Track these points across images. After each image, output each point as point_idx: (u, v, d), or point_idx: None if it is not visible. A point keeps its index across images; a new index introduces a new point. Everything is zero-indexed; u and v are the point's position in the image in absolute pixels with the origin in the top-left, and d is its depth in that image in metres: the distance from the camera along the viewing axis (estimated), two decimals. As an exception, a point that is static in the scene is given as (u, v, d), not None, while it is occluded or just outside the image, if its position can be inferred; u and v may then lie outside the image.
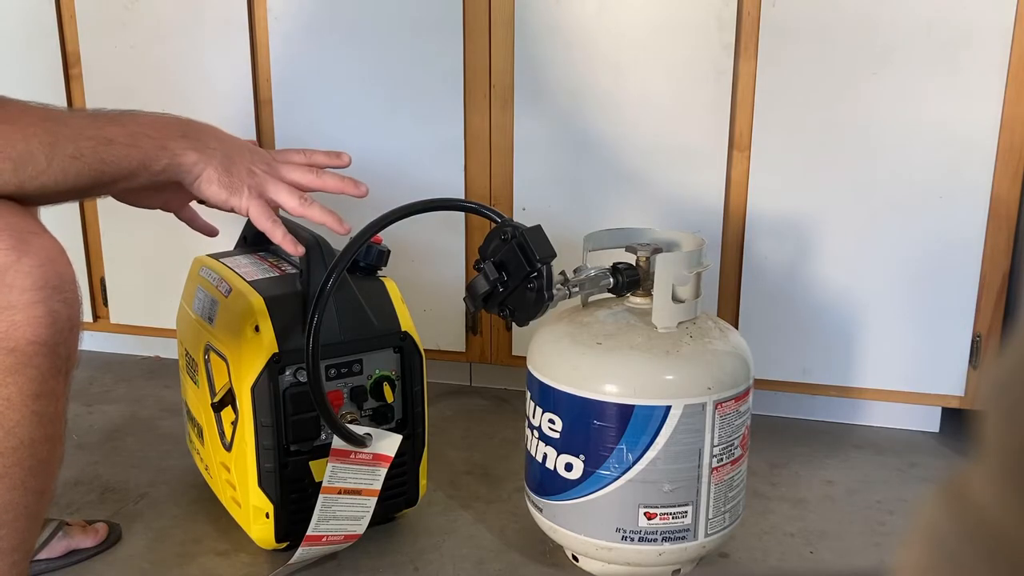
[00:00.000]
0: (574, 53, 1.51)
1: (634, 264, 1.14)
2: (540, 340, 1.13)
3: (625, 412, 1.04)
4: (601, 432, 1.05)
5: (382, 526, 1.26)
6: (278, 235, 0.95)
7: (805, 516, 1.33)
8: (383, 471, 1.17)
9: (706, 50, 1.46)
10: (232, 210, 0.93)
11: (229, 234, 1.33)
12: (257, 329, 1.12)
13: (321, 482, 1.14)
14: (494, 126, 1.58)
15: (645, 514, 1.07)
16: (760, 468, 1.44)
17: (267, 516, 1.16)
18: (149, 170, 0.86)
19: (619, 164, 1.54)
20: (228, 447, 1.19)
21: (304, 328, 1.08)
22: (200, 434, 1.30)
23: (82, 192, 0.85)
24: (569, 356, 1.08)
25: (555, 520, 1.13)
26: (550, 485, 1.12)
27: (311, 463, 1.16)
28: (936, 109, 1.40)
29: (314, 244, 1.17)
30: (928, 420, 1.59)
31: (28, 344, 0.77)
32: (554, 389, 1.09)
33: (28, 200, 0.81)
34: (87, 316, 1.61)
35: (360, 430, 1.15)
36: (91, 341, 1.91)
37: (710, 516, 1.09)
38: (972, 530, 0.26)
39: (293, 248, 0.96)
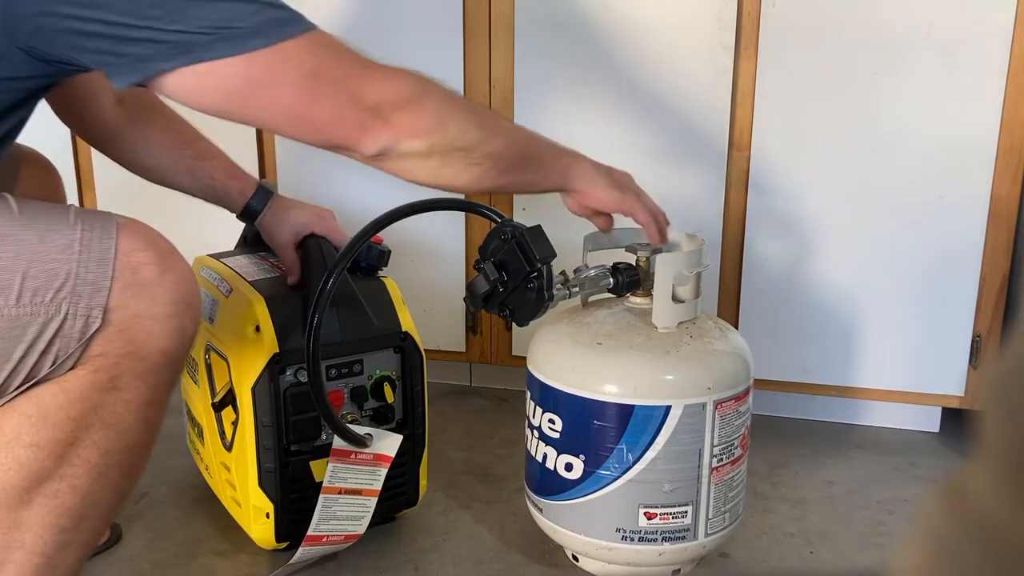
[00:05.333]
0: (574, 53, 1.51)
1: (634, 264, 1.14)
2: (540, 340, 1.13)
3: (625, 412, 1.04)
4: (601, 432, 1.06)
5: (382, 526, 1.26)
6: (656, 232, 1.10)
7: (805, 516, 1.33)
8: (383, 471, 1.17)
9: (706, 50, 1.46)
10: (622, 211, 1.06)
11: (230, 234, 1.33)
12: (258, 329, 1.12)
13: (321, 482, 1.14)
14: (494, 126, 1.58)
15: (645, 514, 1.07)
16: (760, 468, 1.45)
17: (267, 516, 1.16)
18: (557, 167, 1.02)
19: (619, 164, 1.53)
20: (228, 447, 1.19)
21: (304, 328, 1.08)
22: (200, 434, 1.30)
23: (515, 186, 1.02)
24: (569, 356, 1.08)
25: (555, 520, 1.13)
26: (550, 485, 1.12)
27: (311, 463, 1.16)
28: (936, 109, 1.40)
29: (314, 244, 1.17)
30: (928, 420, 1.59)
31: (158, 354, 0.83)
32: (554, 389, 1.09)
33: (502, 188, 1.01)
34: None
35: (360, 430, 1.15)
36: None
37: (710, 516, 1.09)
38: (972, 530, 0.26)
39: (661, 239, 1.11)
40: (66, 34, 0.79)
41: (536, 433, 1.13)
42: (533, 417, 1.13)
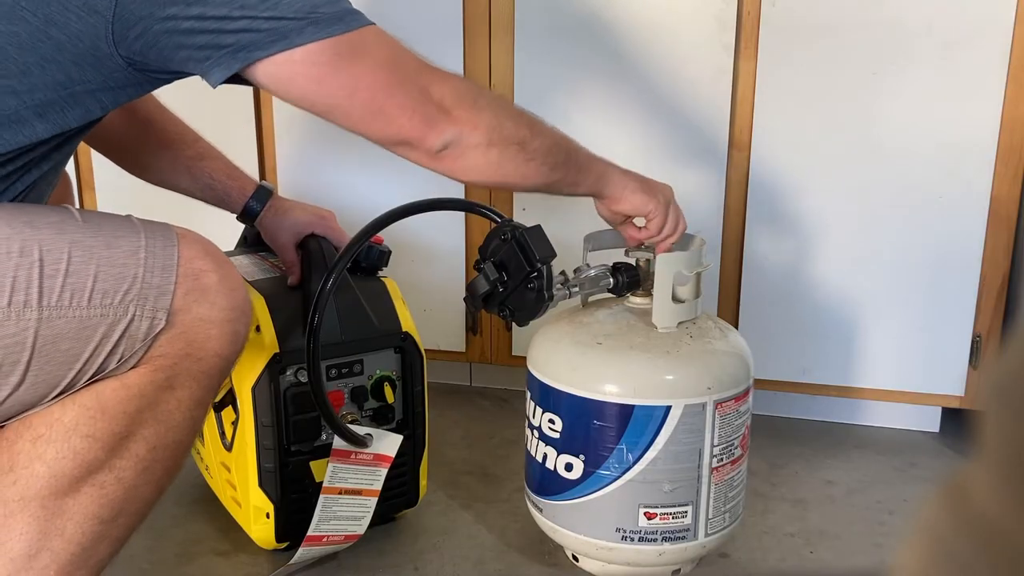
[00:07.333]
0: (574, 53, 1.51)
1: (634, 264, 1.14)
2: (540, 340, 1.13)
3: (625, 412, 1.04)
4: (601, 432, 1.06)
5: (382, 526, 1.26)
6: (660, 243, 1.11)
7: (805, 516, 1.33)
8: (384, 471, 1.17)
9: (706, 50, 1.46)
10: (645, 214, 1.08)
11: (230, 235, 1.33)
12: (258, 329, 1.12)
13: (322, 482, 1.14)
14: (494, 126, 1.58)
15: (645, 514, 1.07)
16: (760, 468, 1.44)
17: (267, 516, 1.16)
18: (593, 171, 1.05)
19: (619, 164, 1.54)
20: (228, 447, 1.19)
21: (304, 328, 1.08)
22: (200, 434, 1.30)
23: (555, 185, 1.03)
24: (569, 356, 1.08)
25: (555, 520, 1.13)
26: (550, 485, 1.12)
27: (312, 463, 1.16)
28: (936, 109, 1.40)
29: (314, 244, 1.17)
30: (928, 420, 1.59)
31: (213, 356, 0.86)
32: (554, 389, 1.09)
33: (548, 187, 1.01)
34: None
35: (361, 430, 1.15)
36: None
37: (710, 516, 1.09)
38: (972, 529, 0.26)
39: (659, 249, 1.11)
40: (170, 34, 0.82)
41: (536, 433, 1.13)
42: (533, 417, 1.13)
